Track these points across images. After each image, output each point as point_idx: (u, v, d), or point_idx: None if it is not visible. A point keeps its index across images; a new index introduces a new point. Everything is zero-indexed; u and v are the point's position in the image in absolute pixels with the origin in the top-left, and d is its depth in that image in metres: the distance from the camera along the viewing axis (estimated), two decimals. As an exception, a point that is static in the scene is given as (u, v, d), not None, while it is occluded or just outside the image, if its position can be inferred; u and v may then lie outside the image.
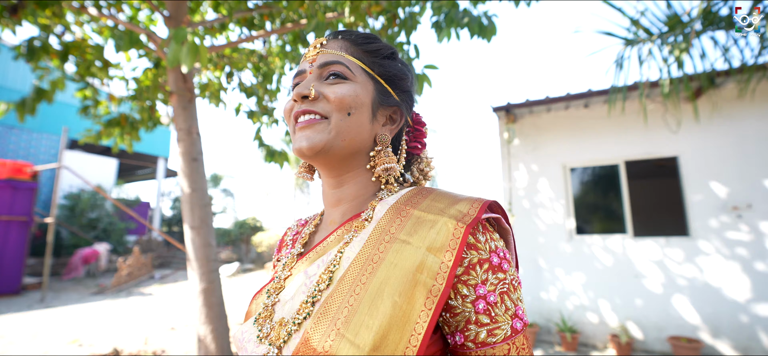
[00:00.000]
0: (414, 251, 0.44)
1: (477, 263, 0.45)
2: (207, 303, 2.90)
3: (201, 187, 3.08)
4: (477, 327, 0.43)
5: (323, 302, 0.45)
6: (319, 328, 0.43)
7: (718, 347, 3.68)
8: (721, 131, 3.92)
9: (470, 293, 0.44)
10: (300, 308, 0.47)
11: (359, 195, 0.57)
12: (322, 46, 0.58)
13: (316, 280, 0.49)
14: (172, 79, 3.16)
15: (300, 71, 0.58)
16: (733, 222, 3.79)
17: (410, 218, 0.48)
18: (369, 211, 0.54)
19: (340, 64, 0.54)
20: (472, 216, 0.46)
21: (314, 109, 0.53)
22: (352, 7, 3.28)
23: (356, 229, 0.52)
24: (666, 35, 2.48)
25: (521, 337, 0.45)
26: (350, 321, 0.41)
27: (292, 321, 0.47)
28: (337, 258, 0.49)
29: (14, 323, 5.41)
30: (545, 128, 4.70)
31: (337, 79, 0.54)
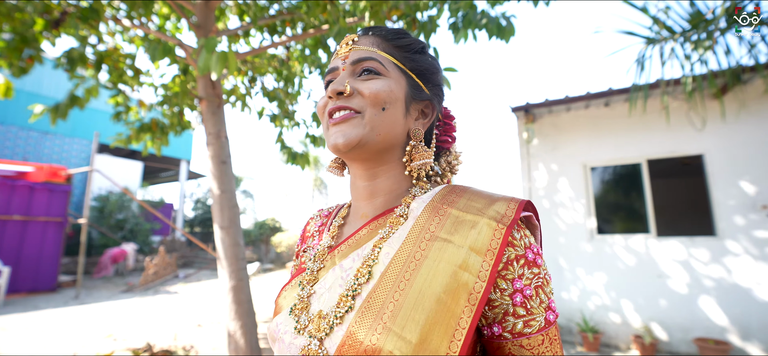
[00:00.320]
0: (456, 250, 0.46)
1: (514, 259, 0.47)
2: (236, 300, 3.03)
3: (230, 188, 3.22)
4: (514, 319, 0.46)
5: (366, 296, 0.46)
6: (364, 322, 0.44)
7: (747, 349, 3.59)
8: (749, 128, 3.82)
9: (508, 287, 0.46)
10: (340, 301, 0.48)
11: (393, 190, 0.58)
12: (354, 43, 0.58)
13: (353, 273, 0.50)
14: (202, 86, 3.32)
15: (333, 68, 0.59)
16: (762, 221, 3.69)
17: (449, 218, 0.50)
18: (403, 207, 0.54)
19: (373, 60, 0.55)
20: (510, 218, 0.48)
21: (349, 105, 0.53)
22: (372, 11, 3.37)
23: (392, 225, 0.53)
24: (689, 33, 2.46)
25: (554, 328, 0.47)
26: (397, 315, 0.42)
27: (334, 314, 0.47)
28: (374, 253, 0.50)
29: (54, 318, 5.72)
30: (565, 127, 4.68)
31: (371, 75, 0.55)
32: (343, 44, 0.59)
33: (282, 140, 4.74)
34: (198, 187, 20.10)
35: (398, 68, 0.57)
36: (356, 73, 0.56)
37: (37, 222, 7.72)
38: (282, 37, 4.29)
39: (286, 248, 13.71)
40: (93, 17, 3.15)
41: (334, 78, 0.58)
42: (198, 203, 19.51)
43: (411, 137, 0.57)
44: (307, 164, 5.00)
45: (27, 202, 7.61)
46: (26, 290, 7.46)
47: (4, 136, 11.39)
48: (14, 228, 7.40)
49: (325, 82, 0.60)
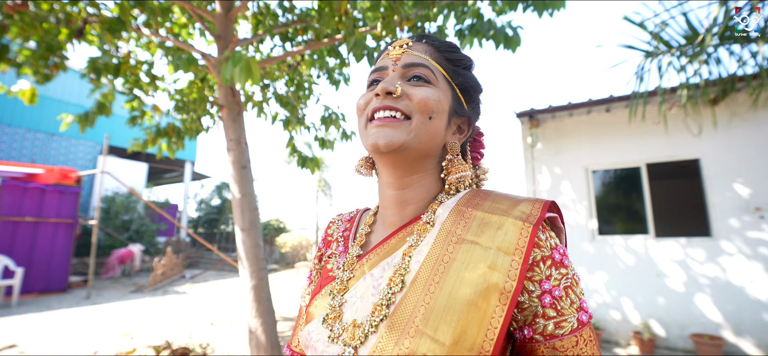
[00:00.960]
0: (484, 251, 0.46)
1: (541, 260, 0.47)
2: (257, 299, 3.20)
3: (250, 192, 3.38)
4: (544, 321, 0.45)
5: (398, 304, 0.47)
6: (395, 329, 0.45)
7: (740, 345, 3.77)
8: (743, 134, 4.00)
9: (536, 288, 0.46)
10: (374, 310, 0.48)
11: (422, 198, 0.57)
12: (408, 47, 0.58)
13: (386, 283, 0.50)
14: (222, 94, 3.48)
15: (381, 68, 0.58)
16: (755, 223, 3.87)
17: (474, 220, 0.50)
18: (430, 214, 0.54)
19: (425, 67, 0.55)
20: (536, 217, 0.48)
21: (396, 106, 0.53)
22: (384, 22, 3.53)
23: (419, 232, 0.53)
24: (684, 48, 2.64)
25: (588, 329, 0.46)
26: (429, 318, 0.43)
27: (369, 323, 0.48)
28: (405, 262, 0.50)
29: (68, 317, 5.88)
30: (567, 132, 4.86)
31: (421, 81, 0.55)
32: (396, 46, 0.59)
33: (293, 144, 4.90)
34: (202, 188, 20.23)
35: (446, 81, 0.57)
36: (406, 77, 0.56)
37: (48, 224, 7.87)
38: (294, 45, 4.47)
39: (291, 249, 13.86)
40: (120, 28, 3.30)
41: (382, 77, 0.58)
42: (202, 204, 19.65)
43: (448, 149, 0.58)
44: (318, 167, 5.17)
45: (38, 204, 7.75)
46: (38, 290, 7.60)
47: (11, 138, 11.53)
48: (26, 230, 7.55)
49: (370, 81, 0.60)
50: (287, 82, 4.84)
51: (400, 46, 0.59)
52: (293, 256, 13.78)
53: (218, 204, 19.61)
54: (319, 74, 4.99)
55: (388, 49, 0.60)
